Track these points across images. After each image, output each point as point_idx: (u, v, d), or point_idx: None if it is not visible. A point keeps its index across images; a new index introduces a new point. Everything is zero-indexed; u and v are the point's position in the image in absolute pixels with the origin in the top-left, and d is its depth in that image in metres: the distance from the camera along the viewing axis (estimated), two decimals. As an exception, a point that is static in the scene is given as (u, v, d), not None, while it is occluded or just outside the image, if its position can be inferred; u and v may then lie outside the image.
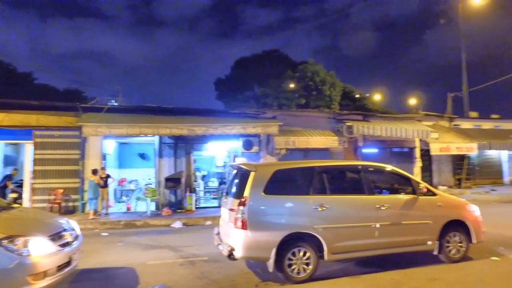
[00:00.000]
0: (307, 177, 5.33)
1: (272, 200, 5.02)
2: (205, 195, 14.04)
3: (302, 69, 25.77)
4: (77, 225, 5.14)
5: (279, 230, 4.88)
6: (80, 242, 4.81)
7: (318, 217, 5.02)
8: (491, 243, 6.56)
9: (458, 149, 15.89)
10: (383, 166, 6.06)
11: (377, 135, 13.45)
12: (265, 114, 13.15)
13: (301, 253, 4.93)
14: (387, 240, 5.38)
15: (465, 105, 23.42)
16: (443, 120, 18.78)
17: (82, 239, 4.95)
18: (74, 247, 4.50)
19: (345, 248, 5.15)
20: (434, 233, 5.63)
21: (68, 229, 4.68)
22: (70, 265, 4.30)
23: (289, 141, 12.44)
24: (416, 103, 36.23)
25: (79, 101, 13.84)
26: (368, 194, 5.44)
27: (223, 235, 5.60)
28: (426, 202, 5.69)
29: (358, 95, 29.96)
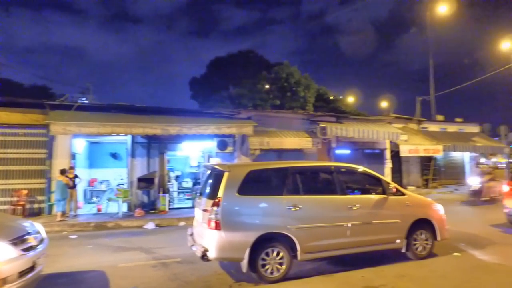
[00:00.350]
0: (280, 177, 5.39)
1: (246, 200, 5.03)
2: (179, 195, 13.84)
3: (277, 70, 25.97)
4: (42, 228, 4.92)
5: (253, 230, 4.90)
6: (46, 245, 4.61)
7: (291, 217, 5.08)
8: (453, 240, 6.90)
9: (426, 150, 16.54)
10: (355, 167, 6.23)
11: (349, 136, 13.77)
12: (240, 114, 13.14)
13: (274, 253, 4.98)
14: (359, 239, 5.52)
15: (433, 108, 24.44)
16: (412, 122, 19.49)
17: (48, 242, 4.75)
18: (39, 251, 4.30)
19: (318, 248, 5.24)
20: (403, 232, 5.84)
21: (32, 232, 4.47)
22: (33, 271, 4.10)
23: (263, 141, 12.50)
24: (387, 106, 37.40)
25: (46, 98, 13.27)
26: (340, 194, 5.57)
27: (197, 236, 5.56)
28: (395, 202, 5.90)
29: (332, 97, 30.53)
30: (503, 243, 7.16)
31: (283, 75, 25.32)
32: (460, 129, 21.46)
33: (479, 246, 6.78)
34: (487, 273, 5.35)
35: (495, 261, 5.92)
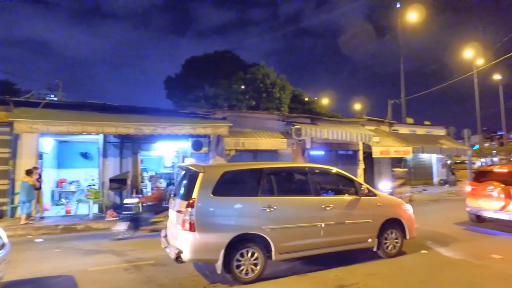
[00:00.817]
0: (255, 178, 5.40)
1: (220, 201, 5.01)
2: (152, 196, 13.57)
3: (253, 71, 26.03)
4: (3, 232, 4.67)
5: (227, 231, 4.89)
6: (7, 251, 4.38)
7: (266, 218, 5.11)
8: (421, 238, 7.18)
9: (396, 152, 17.08)
10: (329, 168, 6.35)
11: (324, 138, 14.01)
12: (215, 114, 13.07)
13: (249, 254, 4.99)
14: (332, 239, 5.63)
15: (403, 111, 25.23)
16: (384, 125, 20.08)
17: (9, 247, 4.52)
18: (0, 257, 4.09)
19: (292, 248, 5.29)
20: (374, 231, 6.02)
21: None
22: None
23: (238, 142, 12.48)
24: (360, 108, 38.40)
25: (10, 94, 12.61)
26: (314, 195, 5.66)
27: (171, 237, 5.48)
28: (367, 202, 6.06)
29: (307, 99, 30.94)
30: (465, 240, 7.53)
31: (259, 76, 25.41)
32: (428, 131, 22.33)
33: (444, 244, 7.09)
34: (450, 269, 5.61)
35: (458, 257, 6.22)
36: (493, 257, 6.17)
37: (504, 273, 5.37)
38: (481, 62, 25.63)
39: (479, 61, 25.56)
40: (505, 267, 5.62)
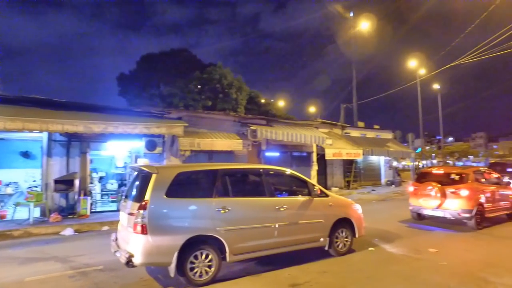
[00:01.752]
0: (210, 179, 5.36)
1: (174, 203, 4.91)
2: (102, 198, 12.89)
3: (210, 71, 25.81)
4: None
5: (181, 233, 4.80)
6: None
7: (220, 219, 5.09)
8: (369, 236, 7.58)
9: (348, 154, 17.86)
10: (283, 169, 6.49)
11: (279, 139, 14.27)
12: (170, 114, 12.76)
13: (203, 256, 4.94)
14: (286, 239, 5.74)
15: (355, 115, 26.50)
16: (336, 128, 20.91)
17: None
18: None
19: (246, 249, 5.32)
20: (326, 231, 6.24)
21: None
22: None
23: (194, 142, 12.31)
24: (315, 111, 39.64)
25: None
26: (269, 196, 5.74)
27: (121, 241, 5.26)
28: (319, 202, 6.27)
29: (263, 101, 31.30)
30: (407, 236, 8.07)
31: (216, 76, 25.26)
32: (377, 135, 23.64)
33: (389, 240, 7.55)
34: (394, 263, 5.99)
35: (401, 253, 6.66)
36: (430, 251, 6.70)
37: (437, 265, 5.87)
38: (423, 72, 27.71)
39: (421, 71, 27.62)
40: (439, 259, 6.15)
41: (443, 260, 6.12)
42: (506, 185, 10.55)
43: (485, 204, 9.10)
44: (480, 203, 8.91)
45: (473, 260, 6.29)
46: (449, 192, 8.89)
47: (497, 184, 10.09)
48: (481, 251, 6.91)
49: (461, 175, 9.25)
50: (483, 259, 6.29)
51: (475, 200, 8.77)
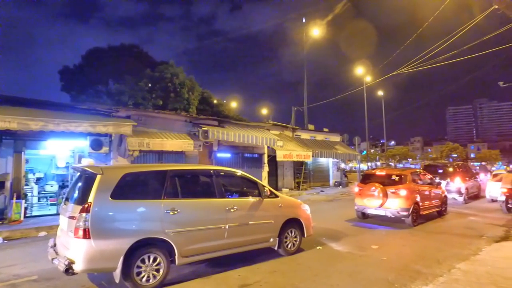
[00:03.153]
0: (159, 180, 5.21)
1: (120, 205, 4.69)
2: (40, 201, 11.91)
3: (161, 70, 25.06)
4: None
5: (127, 237, 4.60)
6: None
7: (169, 221, 4.96)
8: (317, 235, 7.85)
9: (298, 156, 18.35)
10: (234, 171, 6.50)
11: (231, 140, 14.27)
12: (119, 112, 12.21)
13: (151, 259, 4.78)
14: (236, 240, 5.75)
15: (305, 118, 27.32)
16: (287, 130, 21.38)
17: None
18: None
19: (196, 251, 5.24)
20: (276, 231, 6.36)
21: None
22: None
23: (143, 142, 11.87)
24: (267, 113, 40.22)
25: None
26: (219, 197, 5.71)
27: (61, 247, 4.90)
28: (269, 203, 6.37)
29: (216, 101, 31.09)
30: (353, 234, 8.49)
31: (168, 75, 24.59)
32: (326, 138, 24.56)
33: (336, 239, 7.88)
34: (340, 261, 6.27)
35: (346, 250, 6.99)
36: (372, 248, 7.12)
37: (378, 260, 6.26)
38: (369, 79, 29.41)
39: (367, 78, 29.29)
40: (380, 255, 6.57)
41: (384, 255, 6.54)
42: (438, 185, 11.56)
43: (420, 203, 9.88)
44: (416, 202, 9.66)
45: (409, 254, 6.79)
46: (390, 192, 9.52)
47: (430, 184, 11.02)
48: (415, 246, 7.48)
49: (401, 177, 9.95)
50: (417, 253, 6.82)
51: (412, 199, 9.49)
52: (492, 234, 8.47)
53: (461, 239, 8.05)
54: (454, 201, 14.58)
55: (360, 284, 5.07)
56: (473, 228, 9.39)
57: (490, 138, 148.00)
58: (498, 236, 8.30)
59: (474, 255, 6.45)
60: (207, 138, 13.47)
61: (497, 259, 6.02)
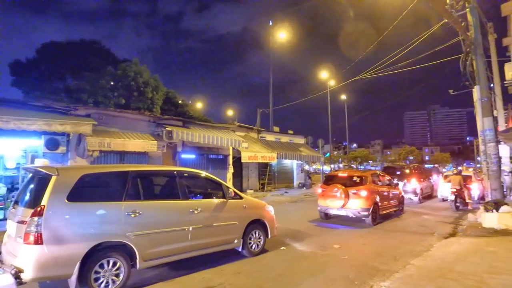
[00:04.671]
0: (120, 182, 5.01)
1: (78, 208, 4.46)
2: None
3: (124, 67, 24.23)
4: None
5: (85, 241, 4.38)
6: None
7: (130, 224, 4.79)
8: (281, 236, 7.94)
9: (263, 157, 18.49)
10: (198, 172, 6.42)
11: (195, 141, 14.07)
12: (77, 110, 11.63)
13: (110, 264, 4.59)
14: (200, 242, 5.67)
15: (270, 120, 27.59)
16: (253, 132, 21.47)
17: None
18: None
19: (159, 254, 5.10)
20: (240, 232, 6.35)
21: None
22: None
23: (104, 142, 11.39)
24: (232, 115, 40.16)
25: None
26: (183, 199, 5.61)
27: (7, 255, 4.54)
28: (234, 205, 6.35)
29: (181, 101, 30.58)
30: (316, 234, 8.67)
31: (131, 74, 23.83)
32: (290, 140, 24.93)
33: (299, 239, 8.01)
34: (303, 260, 6.38)
35: (309, 250, 7.13)
36: (334, 247, 7.31)
37: (340, 259, 6.45)
38: (333, 83, 30.30)
39: (331, 82, 30.16)
40: (341, 254, 6.77)
41: (345, 254, 6.73)
42: (395, 186, 12.13)
43: (380, 203, 10.30)
44: (376, 202, 10.06)
45: (368, 252, 7.05)
46: (351, 193, 9.84)
47: (389, 185, 11.53)
48: (374, 244, 7.78)
49: (361, 178, 10.32)
50: (376, 251, 7.09)
51: (372, 199, 9.87)
52: (442, 231, 9.02)
53: (415, 236, 8.49)
54: (410, 201, 15.37)
55: (322, 283, 5.18)
56: (426, 226, 9.94)
57: (442, 142, 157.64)
58: (447, 232, 8.85)
59: (426, 251, 6.82)
60: (171, 138, 13.21)
61: (445, 253, 6.41)
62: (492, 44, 15.11)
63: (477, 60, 10.01)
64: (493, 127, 9.79)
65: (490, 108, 10.19)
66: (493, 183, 9.61)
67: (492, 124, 9.79)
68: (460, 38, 11.02)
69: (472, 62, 10.54)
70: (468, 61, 10.86)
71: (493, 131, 9.66)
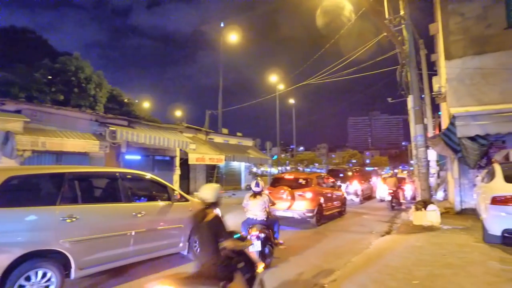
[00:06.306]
0: (55, 184, 4.62)
1: (2, 214, 4.02)
2: None
3: (64, 61, 22.55)
4: None
5: (8, 252, 3.95)
6: None
7: (65, 229, 4.44)
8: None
9: (211, 159, 18.33)
10: (143, 174, 6.16)
11: (141, 142, 13.53)
12: (5, 105, 10.58)
13: (39, 276, 4.18)
14: (143, 247, 5.44)
15: (219, 122, 27.41)
16: (201, 133, 21.20)
17: None
18: None
19: (98, 261, 4.79)
20: (186, 235, 6.21)
21: None
22: None
23: (37, 141, 10.47)
24: (181, 115, 39.31)
25: None
26: (125, 202, 5.34)
27: None
28: (179, 207, 6.19)
29: (126, 100, 29.25)
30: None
31: (72, 68, 22.25)
32: (239, 142, 25.04)
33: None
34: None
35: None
36: (280, 248, 7.42)
37: (286, 259, 6.61)
38: (282, 87, 31.00)
39: (280, 86, 30.82)
40: (287, 255, 6.91)
41: (290, 254, 6.90)
42: (339, 188, 12.72)
43: (324, 204, 10.72)
44: (320, 203, 10.45)
45: (312, 252, 7.30)
46: (297, 195, 10.11)
47: (333, 187, 12.06)
48: (319, 244, 8.07)
49: (307, 180, 10.66)
50: (320, 250, 7.37)
51: (317, 201, 10.24)
52: (379, 230, 9.64)
53: (356, 235, 8.97)
54: (352, 202, 16.23)
55: (268, 284, 5.23)
56: (365, 225, 10.55)
57: (381, 146, 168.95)
58: (384, 231, 9.48)
59: (365, 249, 7.23)
60: (115, 138, 12.55)
61: (381, 250, 6.86)
62: (423, 58, 16.55)
63: (411, 72, 10.88)
64: (424, 134, 10.68)
65: (421, 116, 11.12)
66: (423, 184, 10.48)
67: (423, 130, 10.69)
68: (398, 51, 11.91)
69: (407, 74, 11.43)
70: (404, 72, 11.77)
71: (423, 137, 10.54)
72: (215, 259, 3.16)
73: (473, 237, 7.41)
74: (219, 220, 3.31)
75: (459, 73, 10.97)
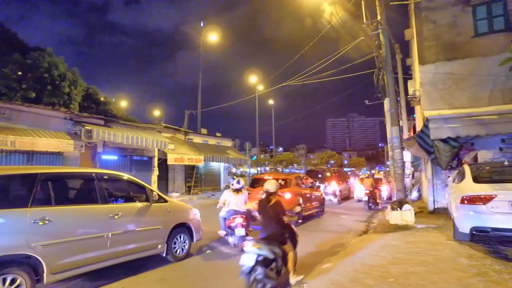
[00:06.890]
0: (26, 186, 4.43)
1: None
2: None
3: (36, 57, 21.74)
4: None
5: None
6: None
7: (37, 233, 4.26)
8: (207, 239, 7.88)
9: (190, 160, 18.15)
10: (120, 174, 6.02)
11: (118, 142, 13.23)
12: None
13: (7, 282, 3.97)
14: (121, 249, 5.31)
15: (199, 122, 27.20)
16: (180, 133, 20.96)
17: None
18: None
19: (72, 264, 4.63)
20: (164, 237, 6.12)
21: None
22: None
23: (6, 140, 10.04)
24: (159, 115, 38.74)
25: None
26: (102, 203, 5.19)
27: None
28: (158, 208, 6.10)
29: (103, 99, 28.53)
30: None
31: (44, 65, 21.48)
32: (218, 142, 24.92)
33: (225, 242, 7.99)
34: (229, 263, 6.39)
35: (236, 252, 7.14)
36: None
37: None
38: (261, 88, 31.12)
39: (260, 87, 30.93)
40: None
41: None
42: (317, 188, 12.89)
43: (303, 205, 10.83)
44: (299, 203, 10.54)
45: (291, 253, 7.34)
46: (276, 195, 10.15)
47: (311, 188, 12.20)
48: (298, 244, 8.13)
49: (286, 181, 10.73)
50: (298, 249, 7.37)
51: (296, 201, 10.32)
52: (357, 229, 9.84)
53: (334, 235, 9.11)
54: (330, 202, 16.47)
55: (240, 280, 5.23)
56: (343, 225, 10.74)
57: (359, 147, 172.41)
58: (361, 230, 9.69)
59: (343, 248, 7.36)
60: (90, 138, 12.21)
61: (359, 249, 6.99)
62: (399, 63, 17.07)
63: (387, 75, 11.18)
64: (399, 135, 11.00)
65: (397, 118, 11.45)
66: (398, 185, 10.78)
67: (398, 132, 11.00)
68: (375, 55, 12.21)
69: (383, 77, 11.74)
70: (380, 75, 12.08)
71: (399, 138, 10.86)
72: (278, 229, 4.92)
73: (444, 235, 7.69)
74: (280, 204, 5.11)
75: (432, 78, 11.37)
